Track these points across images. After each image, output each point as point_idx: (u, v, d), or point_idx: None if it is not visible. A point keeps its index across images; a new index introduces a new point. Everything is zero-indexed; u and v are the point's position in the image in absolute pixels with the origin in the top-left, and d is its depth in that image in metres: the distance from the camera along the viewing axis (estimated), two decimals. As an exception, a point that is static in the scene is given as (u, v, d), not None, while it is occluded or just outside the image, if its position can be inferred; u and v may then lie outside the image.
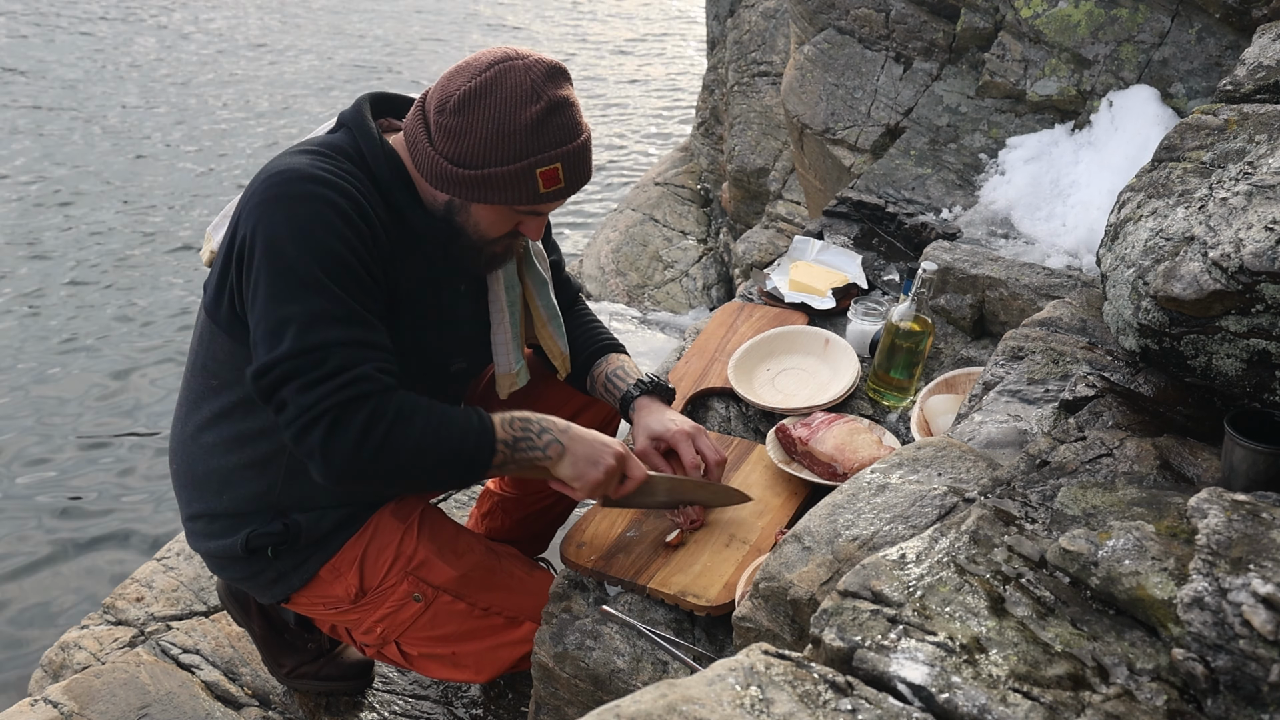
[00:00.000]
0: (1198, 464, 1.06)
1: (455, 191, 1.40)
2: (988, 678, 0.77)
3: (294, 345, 1.28)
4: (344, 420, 1.27)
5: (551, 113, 1.35)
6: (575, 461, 1.45)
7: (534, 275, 1.66)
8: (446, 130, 1.36)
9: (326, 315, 1.29)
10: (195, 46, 9.25)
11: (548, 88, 1.35)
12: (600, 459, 1.46)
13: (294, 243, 1.30)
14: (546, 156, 1.36)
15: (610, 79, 9.46)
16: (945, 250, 2.08)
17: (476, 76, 1.34)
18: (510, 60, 1.35)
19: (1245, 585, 0.76)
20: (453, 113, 1.35)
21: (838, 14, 2.94)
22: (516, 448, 1.43)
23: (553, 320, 1.70)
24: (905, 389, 1.84)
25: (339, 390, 1.27)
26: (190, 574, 2.30)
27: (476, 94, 1.34)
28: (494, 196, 1.39)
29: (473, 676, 1.71)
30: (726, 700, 0.74)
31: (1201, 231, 1.09)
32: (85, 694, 1.93)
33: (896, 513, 1.15)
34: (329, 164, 1.38)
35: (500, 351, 1.64)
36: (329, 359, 1.28)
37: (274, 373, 1.28)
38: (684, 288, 4.58)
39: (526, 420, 1.45)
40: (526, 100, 1.34)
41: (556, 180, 1.38)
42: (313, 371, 1.27)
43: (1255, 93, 1.41)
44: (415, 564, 1.60)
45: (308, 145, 1.43)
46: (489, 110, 1.33)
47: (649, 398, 1.67)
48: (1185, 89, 2.22)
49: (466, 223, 1.45)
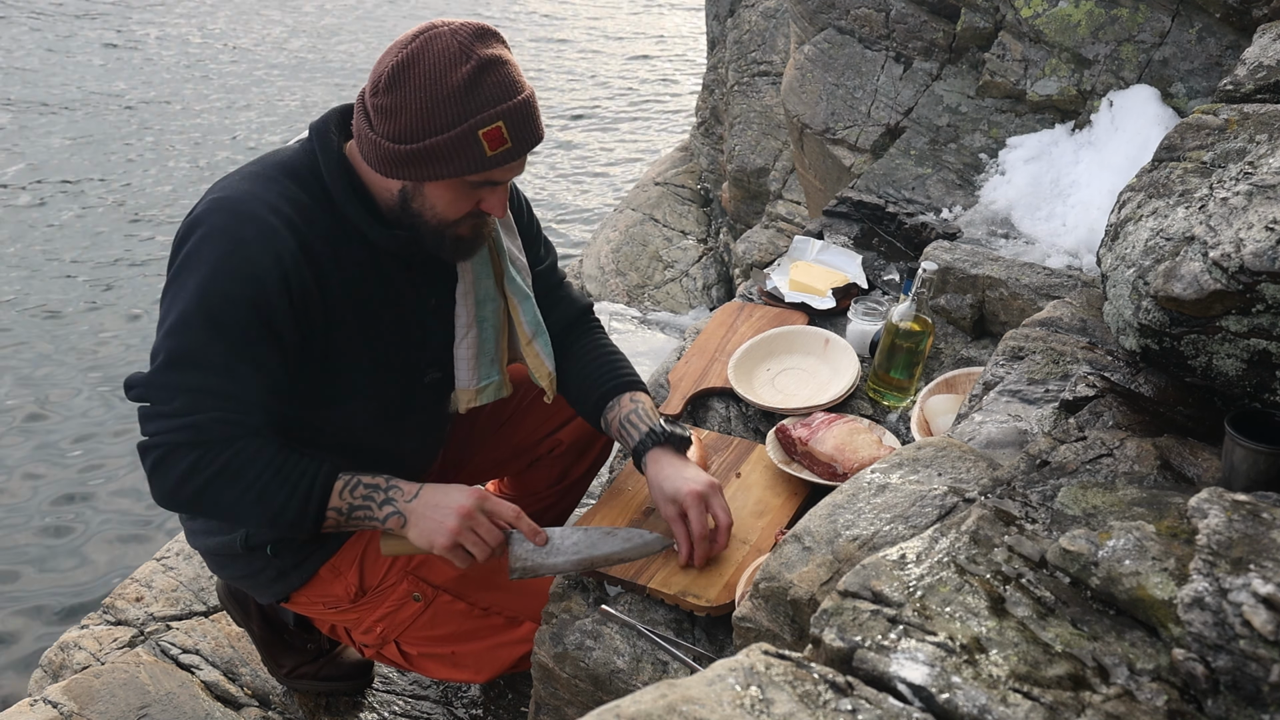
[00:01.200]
0: (1198, 464, 1.06)
1: (403, 173, 1.36)
2: (988, 678, 0.77)
3: (153, 376, 1.36)
4: (168, 460, 1.36)
5: (483, 71, 1.31)
6: (421, 533, 1.42)
7: (515, 289, 1.60)
8: (382, 110, 1.33)
9: (190, 359, 1.34)
10: (191, 48, 9.25)
11: (476, 47, 1.31)
12: (443, 522, 1.40)
13: (196, 278, 1.33)
14: (486, 116, 1.31)
15: (610, 78, 9.46)
16: (945, 250, 2.08)
17: (402, 50, 1.31)
18: (434, 28, 1.32)
19: (1245, 585, 0.76)
20: (385, 91, 1.32)
21: (838, 14, 2.94)
22: (351, 516, 1.43)
23: (538, 336, 1.63)
24: (905, 389, 1.84)
25: (172, 431, 1.35)
26: (190, 574, 2.30)
27: (404, 66, 1.30)
28: (442, 169, 1.34)
29: (472, 676, 1.71)
30: (726, 700, 0.74)
31: (1202, 231, 1.09)
32: (85, 694, 1.93)
33: (896, 513, 1.15)
34: (270, 190, 1.37)
35: (461, 366, 1.59)
36: (175, 398, 1.35)
37: (132, 392, 1.38)
38: (684, 288, 4.58)
39: (373, 488, 1.43)
40: (455, 62, 1.30)
41: (502, 140, 1.33)
42: (158, 405, 1.36)
43: (1255, 92, 1.41)
44: (415, 563, 1.60)
45: (260, 165, 1.42)
46: (418, 79, 1.30)
47: (661, 449, 1.56)
48: (1185, 89, 2.22)
49: (423, 208, 1.40)
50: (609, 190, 6.96)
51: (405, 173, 1.36)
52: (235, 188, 1.38)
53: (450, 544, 1.41)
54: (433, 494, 1.44)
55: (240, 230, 1.34)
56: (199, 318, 1.33)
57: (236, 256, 1.33)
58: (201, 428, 1.35)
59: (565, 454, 1.89)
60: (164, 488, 1.38)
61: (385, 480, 1.44)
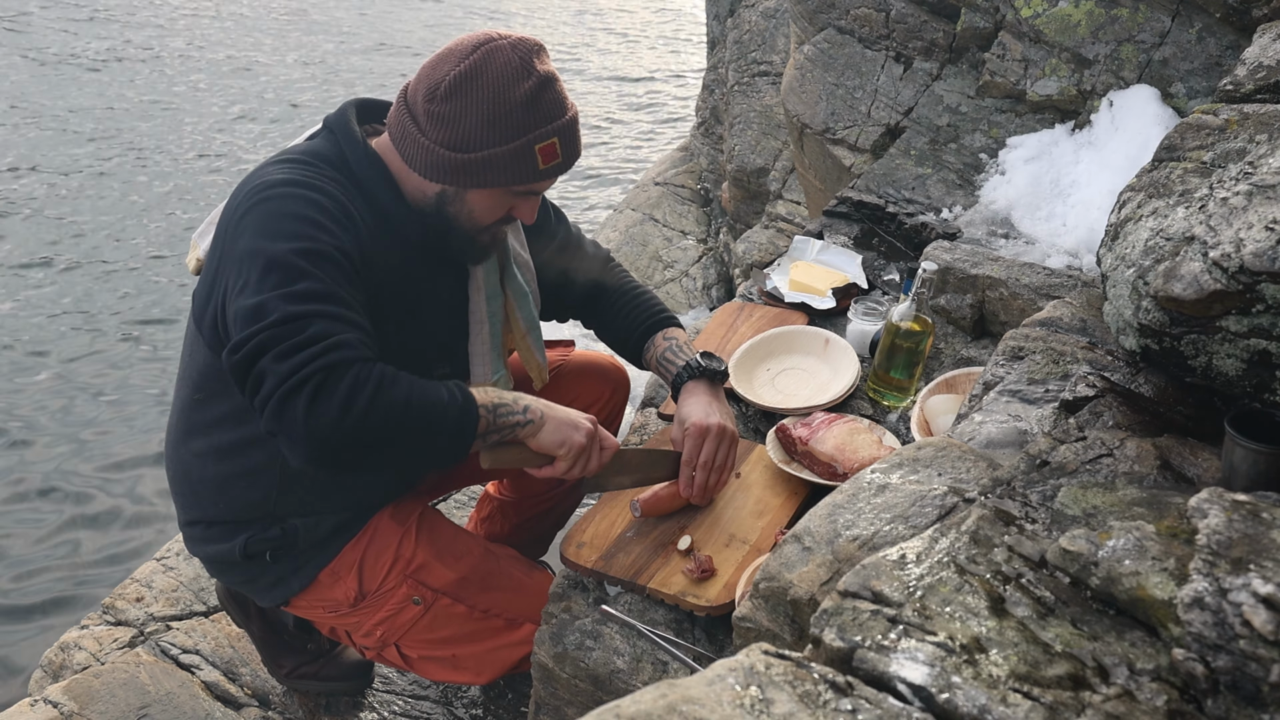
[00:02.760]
0: (1198, 464, 1.06)
1: (453, 179, 1.38)
2: (988, 678, 0.77)
3: (275, 317, 1.22)
4: (327, 386, 1.19)
5: (543, 88, 1.35)
6: (558, 426, 1.42)
7: (514, 287, 1.65)
8: (439, 117, 1.35)
9: (306, 292, 1.24)
10: (190, 50, 9.25)
11: (535, 64, 1.35)
12: (579, 423, 1.44)
13: (273, 238, 1.28)
14: (544, 131, 1.36)
15: (611, 79, 9.46)
16: (945, 250, 2.08)
17: (464, 60, 1.33)
18: (494, 41, 1.35)
19: (1245, 585, 0.76)
20: (444, 99, 1.34)
21: (838, 14, 2.94)
22: (496, 413, 1.37)
23: (532, 332, 1.70)
24: (905, 389, 1.84)
25: (321, 355, 1.20)
26: (190, 574, 2.30)
27: (467, 76, 1.33)
28: (494, 179, 1.38)
29: (473, 678, 1.71)
30: (726, 700, 0.74)
31: (1202, 231, 1.09)
32: (85, 694, 1.93)
33: (896, 513, 1.15)
34: (309, 171, 1.37)
35: (477, 361, 1.62)
36: (309, 326, 1.22)
37: (250, 344, 1.21)
38: (684, 288, 4.58)
39: (499, 391, 1.42)
40: (518, 77, 1.33)
41: (554, 155, 1.38)
42: (292, 338, 1.20)
43: (1255, 92, 1.41)
44: (414, 567, 1.60)
45: (288, 155, 1.42)
46: (482, 91, 1.33)
47: (695, 383, 1.66)
48: (1185, 89, 2.22)
49: (460, 212, 1.44)
50: (609, 190, 6.95)
51: (455, 179, 1.39)
52: (272, 174, 1.36)
53: (585, 443, 1.43)
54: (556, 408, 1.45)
55: (305, 193, 1.33)
56: (304, 264, 1.26)
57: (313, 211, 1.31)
58: (350, 344, 1.23)
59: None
60: (328, 419, 1.19)
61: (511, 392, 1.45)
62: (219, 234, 1.39)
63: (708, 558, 1.50)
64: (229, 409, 1.49)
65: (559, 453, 1.43)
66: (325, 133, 1.46)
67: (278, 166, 1.39)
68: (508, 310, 1.66)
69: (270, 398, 1.19)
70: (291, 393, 1.19)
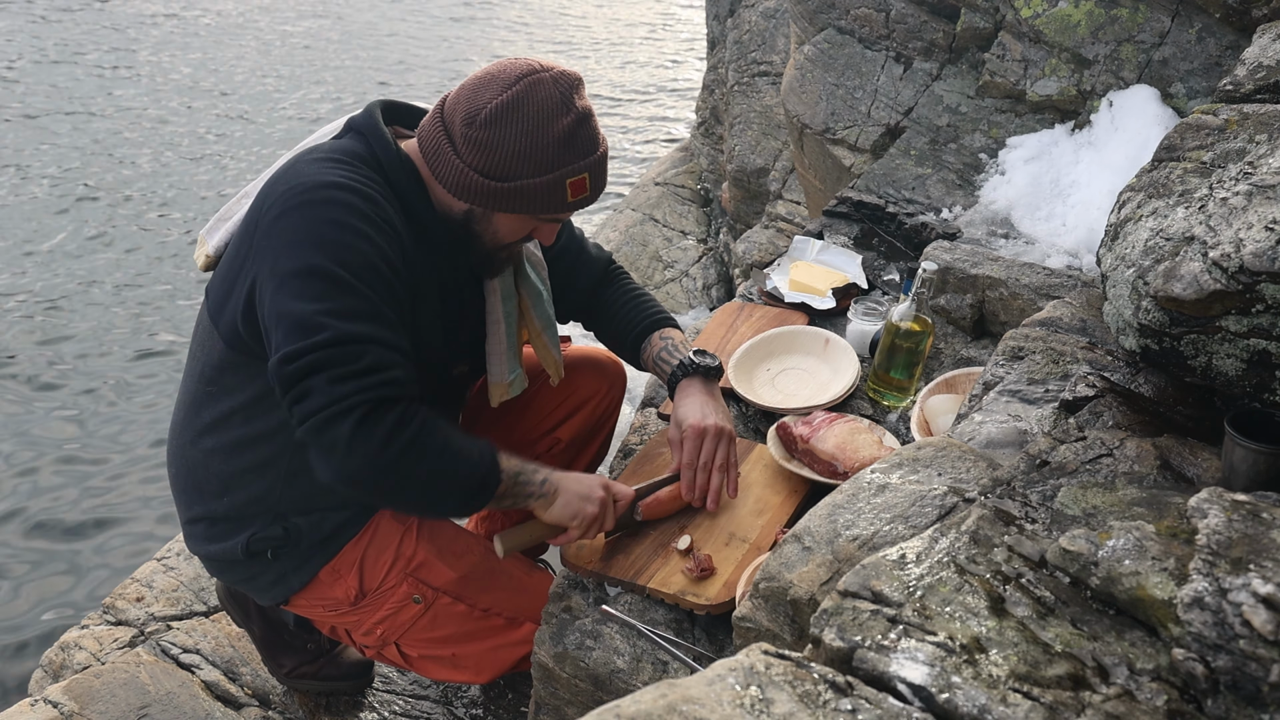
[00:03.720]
0: (1198, 464, 1.06)
1: (482, 203, 1.41)
2: (988, 678, 0.77)
3: (330, 335, 1.25)
4: (375, 417, 1.25)
5: (580, 124, 1.38)
6: (569, 500, 1.47)
7: (529, 287, 1.67)
8: (477, 143, 1.37)
9: (360, 312, 1.28)
10: (197, 43, 9.25)
11: (574, 99, 1.38)
12: (591, 493, 1.49)
13: (321, 247, 1.29)
14: (577, 167, 1.39)
15: (611, 79, 9.46)
16: (945, 250, 2.08)
17: (506, 90, 1.35)
18: (537, 73, 1.37)
19: (1245, 585, 0.76)
20: (484, 126, 1.35)
21: (838, 14, 2.94)
22: (516, 480, 1.45)
23: (547, 330, 1.71)
24: (905, 389, 1.84)
25: (375, 388, 1.26)
26: (190, 574, 2.30)
27: (509, 107, 1.35)
28: (523, 207, 1.41)
29: (473, 677, 1.71)
30: (726, 700, 0.74)
31: (1202, 231, 1.09)
32: (85, 694, 1.93)
33: (896, 513, 1.15)
34: (348, 171, 1.37)
35: (494, 361, 1.65)
36: (365, 355, 1.26)
37: (304, 360, 1.25)
38: (684, 288, 4.58)
39: (522, 462, 1.48)
40: (558, 113, 1.36)
41: (584, 189, 1.42)
42: (348, 364, 1.25)
43: (1255, 93, 1.41)
44: (415, 565, 1.60)
45: (322, 153, 1.41)
46: (522, 124, 1.35)
47: (689, 380, 1.67)
48: (1185, 89, 2.22)
49: (484, 231, 1.47)
50: (609, 190, 6.95)
51: (484, 203, 1.41)
52: (311, 172, 1.35)
53: (597, 513, 1.49)
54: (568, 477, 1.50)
55: (344, 197, 1.33)
56: (348, 277, 1.29)
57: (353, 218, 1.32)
58: (401, 383, 1.29)
59: (564, 452, 1.91)
60: (369, 448, 1.25)
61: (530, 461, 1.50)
62: (247, 230, 1.38)
63: (707, 557, 1.50)
64: (239, 403, 1.49)
65: (571, 525, 1.49)
66: (354, 134, 1.46)
67: (316, 165, 1.37)
68: (523, 309, 1.68)
69: (314, 414, 1.24)
70: (339, 416, 1.24)
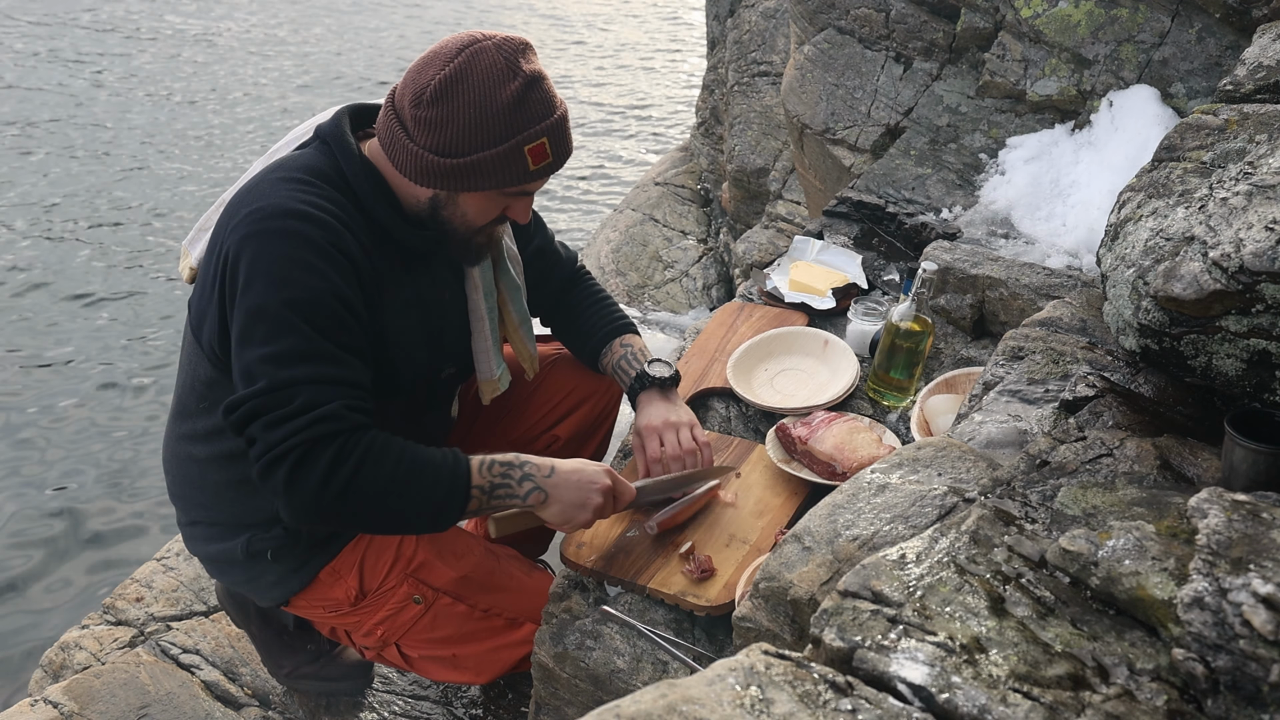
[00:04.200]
0: (1198, 464, 1.06)
1: (443, 184, 1.38)
2: (988, 678, 0.77)
3: (264, 384, 1.27)
4: (308, 459, 1.25)
5: (530, 88, 1.34)
6: (563, 508, 1.44)
7: (508, 281, 1.66)
8: (426, 123, 1.33)
9: (295, 353, 1.28)
10: (179, 50, 9.25)
11: (520, 64, 1.33)
12: (588, 501, 1.44)
13: (270, 283, 1.29)
14: (533, 132, 1.34)
15: (610, 79, 9.46)
16: (945, 250, 2.08)
17: (448, 64, 1.32)
18: (478, 42, 1.33)
19: (1245, 585, 0.76)
20: (430, 104, 1.32)
21: (838, 14, 2.94)
22: (493, 494, 1.41)
23: (524, 325, 1.71)
24: (905, 389, 1.84)
25: (305, 428, 1.25)
26: (190, 574, 2.30)
27: (452, 80, 1.31)
28: (484, 182, 1.37)
29: (473, 678, 1.71)
30: (726, 700, 0.74)
31: (1202, 231, 1.09)
32: (85, 694, 1.93)
33: (896, 513, 1.15)
34: (310, 193, 1.36)
35: (481, 359, 1.64)
36: (295, 396, 1.26)
37: (241, 409, 1.28)
38: (684, 288, 4.58)
39: (508, 466, 1.42)
40: (503, 79, 1.32)
41: (544, 155, 1.37)
42: (279, 409, 1.26)
43: (1255, 93, 1.41)
44: (415, 566, 1.60)
45: (289, 171, 1.39)
46: (468, 94, 1.31)
47: (647, 393, 1.71)
48: (1185, 89, 2.22)
49: (453, 215, 1.43)
50: (609, 190, 6.96)
51: (445, 184, 1.37)
52: (273, 194, 1.34)
53: (591, 520, 1.47)
54: (568, 471, 1.45)
55: (299, 227, 1.31)
56: (293, 317, 1.29)
57: (306, 250, 1.31)
58: (336, 416, 1.27)
59: (563, 449, 1.90)
60: (307, 491, 1.26)
61: (516, 457, 1.45)
62: (213, 249, 1.39)
63: (707, 558, 1.50)
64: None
65: (564, 529, 1.49)
66: (319, 144, 1.44)
67: (279, 186, 1.36)
68: (500, 304, 1.68)
69: (257, 461, 1.27)
70: (275, 462, 1.26)
